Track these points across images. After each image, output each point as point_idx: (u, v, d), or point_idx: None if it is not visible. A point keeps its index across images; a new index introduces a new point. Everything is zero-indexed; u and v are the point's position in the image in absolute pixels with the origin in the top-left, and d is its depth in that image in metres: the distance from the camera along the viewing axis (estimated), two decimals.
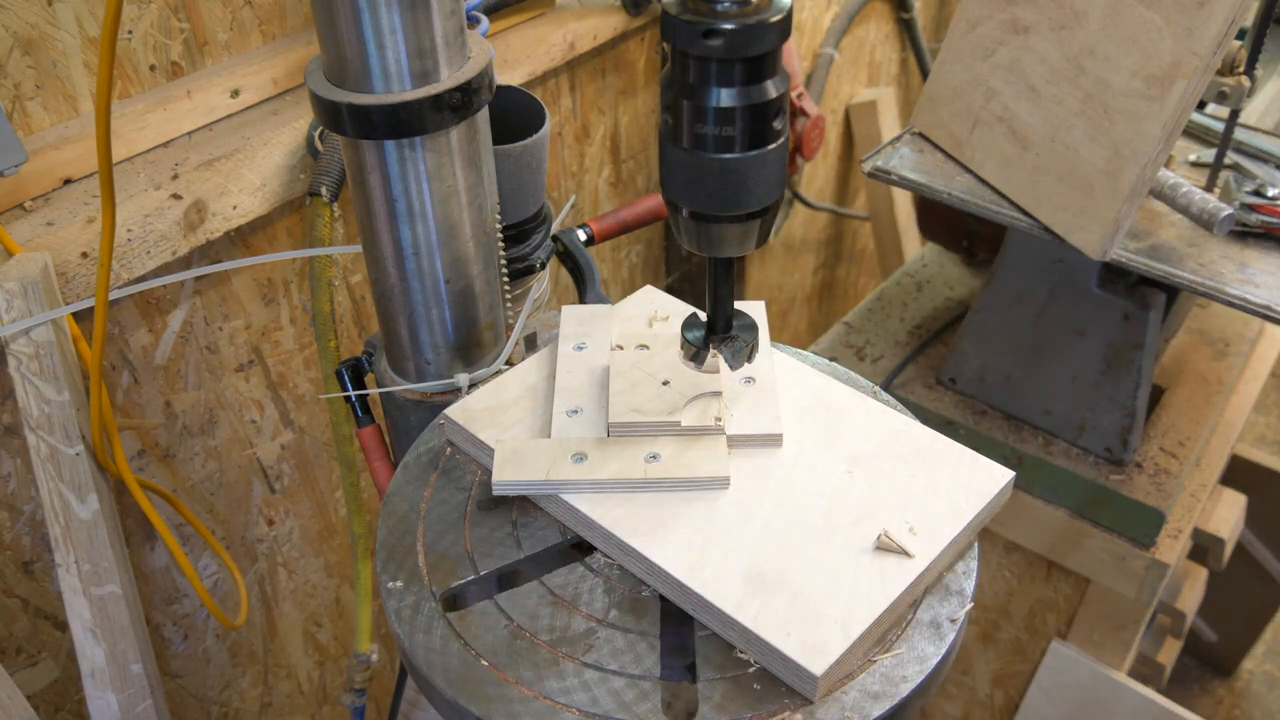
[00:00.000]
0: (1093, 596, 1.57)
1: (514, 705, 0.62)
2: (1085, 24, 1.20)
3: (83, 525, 1.00)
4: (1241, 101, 1.21)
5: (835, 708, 0.62)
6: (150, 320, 1.13)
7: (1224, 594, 2.17)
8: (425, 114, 0.77)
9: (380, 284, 0.90)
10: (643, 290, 0.93)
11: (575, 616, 0.68)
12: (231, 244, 1.17)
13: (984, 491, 0.73)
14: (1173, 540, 1.44)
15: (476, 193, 0.86)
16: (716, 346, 0.73)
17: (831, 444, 0.77)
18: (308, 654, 1.51)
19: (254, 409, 1.29)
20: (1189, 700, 2.46)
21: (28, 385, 0.95)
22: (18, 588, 1.10)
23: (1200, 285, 1.21)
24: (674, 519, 0.71)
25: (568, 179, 1.67)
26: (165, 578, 1.24)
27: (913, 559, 0.67)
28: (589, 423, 0.78)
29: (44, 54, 0.99)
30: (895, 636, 0.66)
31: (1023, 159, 1.29)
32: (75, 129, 1.02)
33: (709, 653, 0.65)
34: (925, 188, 1.38)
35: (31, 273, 0.92)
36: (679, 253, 1.97)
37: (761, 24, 0.57)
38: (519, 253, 1.03)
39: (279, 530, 1.39)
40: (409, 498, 0.77)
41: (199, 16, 1.10)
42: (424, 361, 0.93)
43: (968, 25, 1.35)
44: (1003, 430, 1.54)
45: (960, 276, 1.89)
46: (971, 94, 1.35)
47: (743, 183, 0.63)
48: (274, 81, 1.17)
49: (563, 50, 1.44)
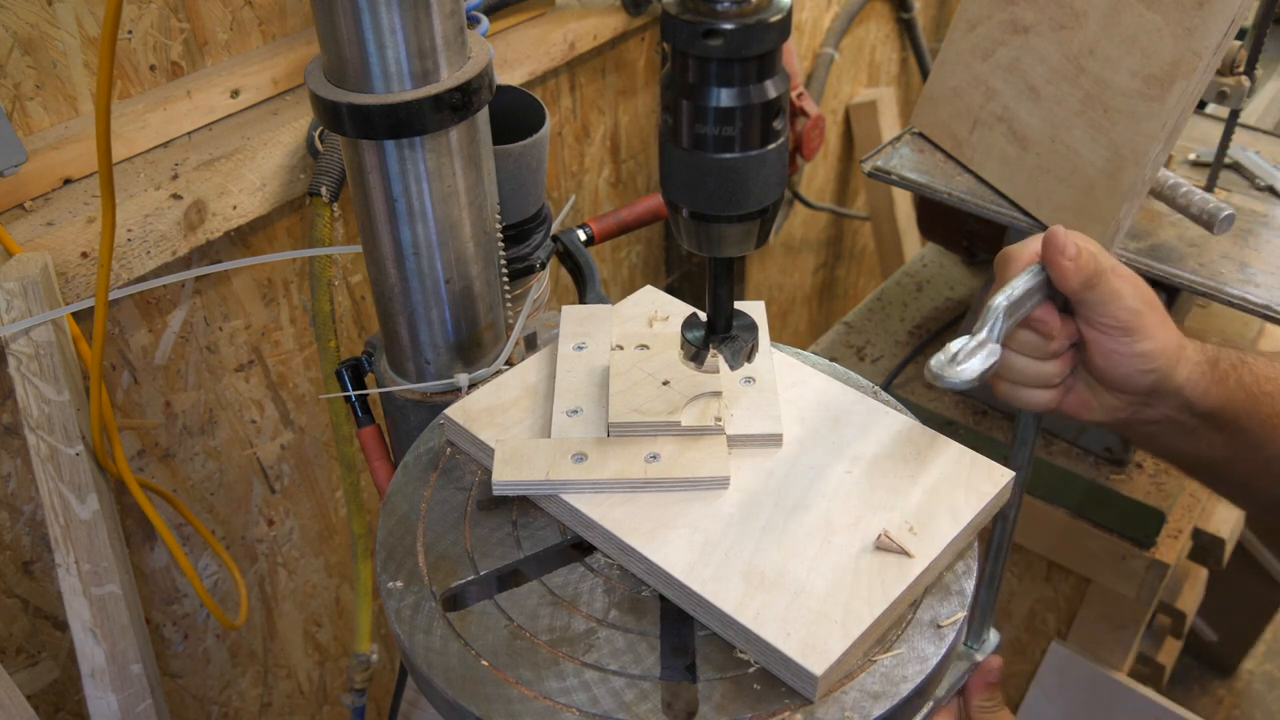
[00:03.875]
0: (1093, 596, 1.57)
1: (514, 705, 0.62)
2: (1085, 24, 1.20)
3: (83, 525, 0.99)
4: (1241, 101, 1.21)
5: (835, 708, 0.62)
6: (150, 320, 1.13)
7: (1224, 594, 2.17)
8: (425, 114, 0.77)
9: (380, 284, 0.90)
10: (643, 290, 0.93)
11: (575, 616, 0.68)
12: (231, 244, 1.17)
13: (984, 491, 0.73)
14: (1173, 540, 1.44)
15: (476, 193, 0.86)
16: (716, 346, 0.73)
17: (831, 444, 0.77)
18: (308, 654, 1.51)
19: (254, 409, 1.29)
20: (1189, 700, 2.45)
21: (28, 385, 0.95)
22: (18, 588, 1.10)
23: (1200, 285, 1.21)
24: (674, 519, 0.71)
25: (568, 179, 1.67)
26: (165, 578, 1.24)
27: (913, 559, 0.67)
28: (589, 423, 0.78)
29: (44, 54, 0.99)
30: (895, 636, 0.66)
31: (1023, 159, 1.29)
32: (75, 129, 1.02)
33: (709, 653, 0.65)
34: (925, 188, 1.38)
35: (31, 273, 0.92)
36: (679, 253, 1.97)
37: (761, 24, 0.57)
38: (519, 253, 1.03)
39: (279, 530, 1.39)
40: (409, 498, 0.77)
41: (199, 16, 1.10)
42: (424, 361, 0.93)
43: (968, 25, 1.35)
44: (1003, 430, 1.54)
45: (960, 276, 1.89)
46: (971, 94, 1.35)
47: (743, 183, 0.63)
48: (274, 81, 1.17)
49: (563, 50, 1.44)
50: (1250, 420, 0.86)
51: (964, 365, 0.67)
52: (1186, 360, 0.82)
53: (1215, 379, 0.84)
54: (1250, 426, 0.86)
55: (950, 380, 0.66)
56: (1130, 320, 0.77)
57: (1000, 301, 0.72)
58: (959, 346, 0.69)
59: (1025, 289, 0.74)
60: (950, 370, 0.66)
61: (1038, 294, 0.76)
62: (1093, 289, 0.76)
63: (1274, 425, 0.87)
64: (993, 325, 0.71)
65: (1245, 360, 0.88)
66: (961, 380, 0.66)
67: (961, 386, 0.66)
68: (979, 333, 0.70)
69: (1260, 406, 0.86)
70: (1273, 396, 0.87)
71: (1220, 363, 0.85)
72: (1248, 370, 0.87)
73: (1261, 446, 0.87)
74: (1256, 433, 0.87)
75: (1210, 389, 0.83)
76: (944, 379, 0.66)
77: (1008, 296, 0.73)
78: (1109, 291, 0.76)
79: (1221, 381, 0.84)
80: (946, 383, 0.66)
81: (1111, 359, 0.79)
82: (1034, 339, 0.78)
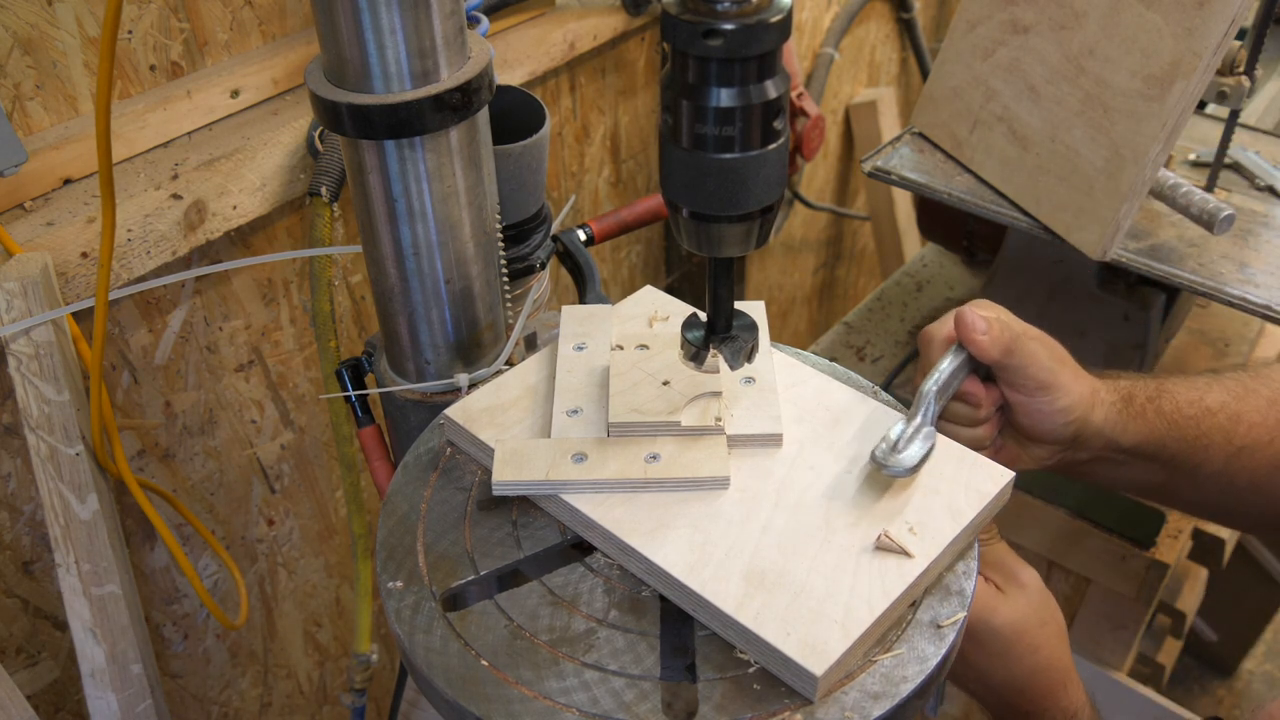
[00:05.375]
0: (1093, 596, 1.57)
1: (514, 705, 0.62)
2: (1085, 24, 1.20)
3: (83, 525, 0.99)
4: (1241, 101, 1.21)
5: (835, 708, 0.62)
6: (150, 320, 1.13)
7: (1224, 594, 2.17)
8: (425, 114, 0.77)
9: (380, 284, 0.90)
10: (643, 290, 0.93)
11: (575, 616, 0.68)
12: (231, 244, 1.17)
13: (984, 492, 0.73)
14: (1173, 540, 1.44)
15: (476, 193, 0.86)
16: (716, 346, 0.73)
17: (831, 444, 0.77)
18: (308, 654, 1.51)
19: (254, 409, 1.29)
20: (1189, 700, 2.45)
21: (28, 385, 0.95)
22: (18, 588, 1.10)
23: (1200, 285, 1.21)
24: (674, 519, 0.71)
25: (568, 179, 1.67)
26: (165, 578, 1.24)
27: (913, 559, 0.67)
28: (589, 423, 0.78)
29: (44, 54, 0.99)
30: (895, 636, 0.66)
31: (1023, 159, 1.29)
32: (75, 129, 1.02)
33: (709, 653, 0.65)
34: (925, 188, 1.38)
35: (31, 273, 0.92)
36: (679, 253, 1.97)
37: (761, 24, 0.57)
38: (519, 253, 1.03)
39: (279, 530, 1.39)
40: (409, 498, 0.77)
41: (199, 16, 1.10)
42: (424, 361, 0.93)
43: (968, 25, 1.35)
44: None
45: (960, 276, 1.89)
46: (971, 94, 1.35)
47: (743, 183, 0.63)
48: (274, 81, 1.17)
49: (563, 50, 1.44)
50: (1178, 445, 0.90)
51: (904, 454, 0.73)
52: (1101, 403, 0.87)
53: (1131, 415, 0.88)
54: (1179, 451, 0.90)
55: (894, 469, 0.72)
56: (1048, 379, 0.83)
57: (930, 387, 0.80)
58: (897, 434, 0.75)
59: (951, 370, 0.82)
60: (893, 459, 0.73)
61: (962, 371, 0.83)
62: (1011, 355, 0.82)
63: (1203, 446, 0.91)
64: (925, 410, 0.78)
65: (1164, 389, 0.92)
66: (904, 469, 0.72)
67: (905, 474, 0.73)
68: (914, 418, 0.77)
69: (1184, 431, 0.90)
70: (1196, 420, 0.90)
71: (1135, 398, 0.89)
72: (1167, 399, 0.91)
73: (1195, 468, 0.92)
74: (1186, 456, 0.91)
75: (1129, 425, 0.88)
76: (888, 468, 0.73)
77: (936, 381, 0.81)
78: (1026, 355, 0.82)
79: (1139, 416, 0.88)
80: (891, 471, 0.73)
81: (1035, 417, 0.85)
82: (964, 409, 0.85)
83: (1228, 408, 0.91)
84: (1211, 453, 0.90)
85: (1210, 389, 0.92)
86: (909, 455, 0.73)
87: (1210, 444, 0.90)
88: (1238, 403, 0.91)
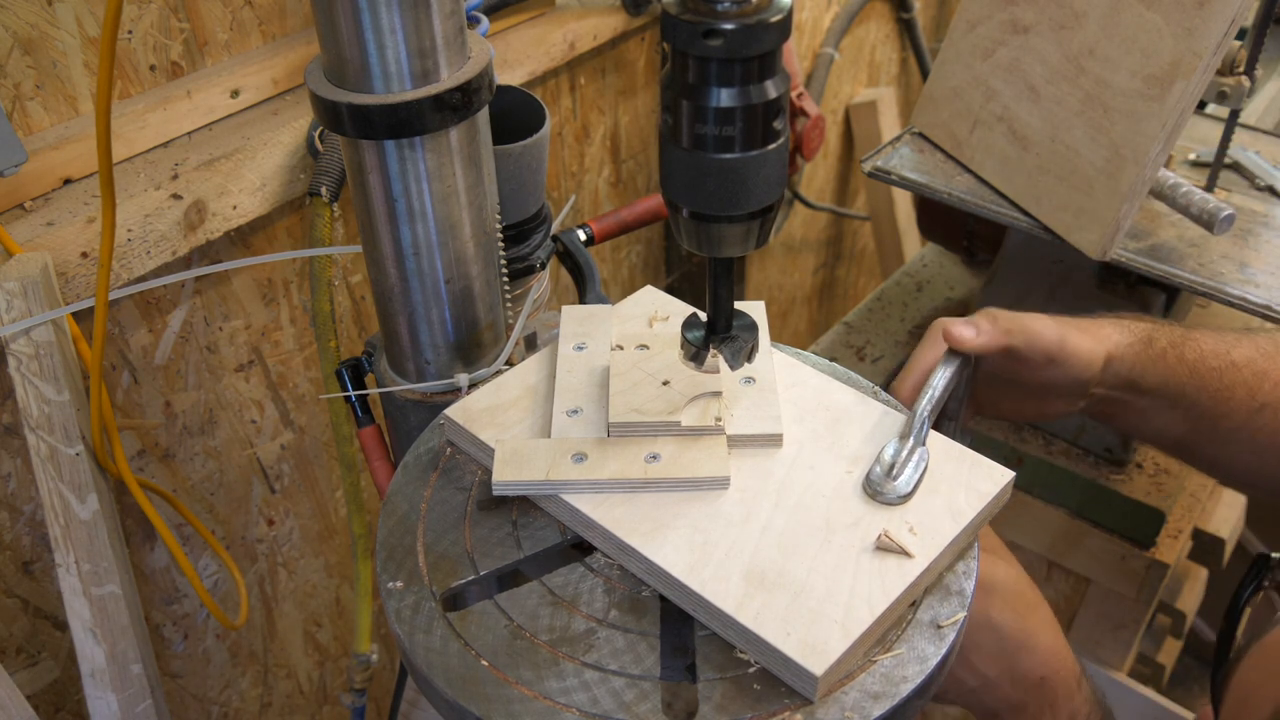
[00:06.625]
0: (1093, 596, 1.57)
1: (514, 705, 0.62)
2: (1085, 24, 1.20)
3: (83, 525, 0.99)
4: (1241, 101, 1.21)
5: (835, 708, 0.62)
6: (150, 320, 1.13)
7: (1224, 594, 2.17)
8: (425, 114, 0.77)
9: (380, 284, 0.90)
10: (643, 290, 0.93)
11: (575, 616, 0.68)
12: (231, 244, 1.17)
13: (984, 492, 0.73)
14: (1173, 540, 1.44)
15: (476, 193, 0.86)
16: (716, 346, 0.73)
17: (831, 444, 0.77)
18: (308, 654, 1.51)
19: (254, 409, 1.29)
20: (1189, 700, 2.45)
21: (28, 385, 0.95)
22: (18, 588, 1.10)
23: (1200, 285, 1.21)
24: (674, 519, 0.71)
25: (568, 179, 1.67)
26: (165, 578, 1.24)
27: (913, 559, 0.67)
28: (589, 423, 0.78)
29: (44, 54, 0.99)
30: (895, 636, 0.66)
31: (1023, 159, 1.29)
32: (75, 129, 1.02)
33: (709, 653, 0.65)
34: (925, 188, 1.38)
35: (31, 273, 0.92)
36: (679, 253, 1.97)
37: (761, 24, 0.57)
38: (519, 253, 1.03)
39: (279, 530, 1.39)
40: (409, 498, 0.77)
41: (199, 16, 1.10)
42: (424, 361, 0.93)
43: (968, 25, 1.35)
44: (1003, 430, 1.54)
45: (960, 276, 1.89)
46: (971, 94, 1.35)
47: (743, 183, 0.63)
48: (274, 81, 1.17)
49: (563, 50, 1.44)
50: (1199, 394, 0.88)
51: (900, 479, 0.73)
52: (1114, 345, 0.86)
53: (1152, 357, 0.87)
54: (1200, 400, 0.89)
55: (890, 496, 0.72)
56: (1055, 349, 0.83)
57: (924, 407, 0.79)
58: (891, 456, 0.74)
59: (944, 387, 0.81)
60: (889, 485, 0.72)
61: (954, 381, 0.83)
62: (1012, 335, 0.82)
63: (1225, 399, 0.89)
64: (919, 430, 0.77)
65: (1190, 337, 0.90)
66: (899, 495, 0.72)
67: (899, 501, 0.72)
68: (908, 439, 0.76)
69: (1206, 381, 0.88)
70: (1219, 371, 0.89)
71: (1156, 340, 0.88)
72: (1192, 347, 0.89)
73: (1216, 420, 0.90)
74: (1208, 407, 0.89)
75: (1149, 367, 0.87)
76: (884, 494, 0.72)
77: (929, 400, 0.80)
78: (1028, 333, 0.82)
79: (1160, 359, 0.87)
80: (887, 498, 0.72)
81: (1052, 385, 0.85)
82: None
83: (1254, 364, 0.90)
84: (1234, 406, 0.89)
85: (1239, 344, 0.91)
86: (905, 481, 0.73)
87: (1233, 397, 0.89)
88: (1265, 360, 0.90)
